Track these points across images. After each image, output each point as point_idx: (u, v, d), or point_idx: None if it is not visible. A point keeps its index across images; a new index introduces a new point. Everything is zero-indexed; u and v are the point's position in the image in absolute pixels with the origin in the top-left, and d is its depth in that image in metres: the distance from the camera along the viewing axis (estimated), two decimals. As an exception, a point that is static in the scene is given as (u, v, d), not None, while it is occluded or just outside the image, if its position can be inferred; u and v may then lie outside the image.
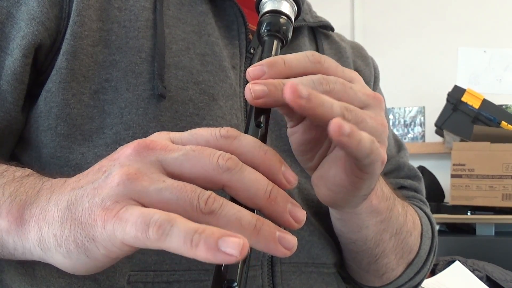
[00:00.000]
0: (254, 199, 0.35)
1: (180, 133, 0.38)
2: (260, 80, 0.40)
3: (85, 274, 0.39)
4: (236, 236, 0.31)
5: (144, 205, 0.34)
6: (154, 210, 0.33)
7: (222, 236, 0.31)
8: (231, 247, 0.31)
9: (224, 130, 0.37)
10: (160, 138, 0.38)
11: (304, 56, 0.42)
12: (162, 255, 0.52)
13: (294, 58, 0.42)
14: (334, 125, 0.36)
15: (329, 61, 0.43)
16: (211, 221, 0.33)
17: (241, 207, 0.34)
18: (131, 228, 0.33)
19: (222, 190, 0.36)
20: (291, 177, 0.37)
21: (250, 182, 0.35)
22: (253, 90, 0.39)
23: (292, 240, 0.34)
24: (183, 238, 0.31)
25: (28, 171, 0.47)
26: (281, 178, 0.37)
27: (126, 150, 0.36)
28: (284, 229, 0.35)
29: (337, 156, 0.44)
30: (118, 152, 0.37)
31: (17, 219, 0.40)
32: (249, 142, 0.37)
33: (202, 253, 0.31)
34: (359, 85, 0.43)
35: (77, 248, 0.36)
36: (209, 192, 0.34)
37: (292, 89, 0.37)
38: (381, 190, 0.57)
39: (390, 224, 0.61)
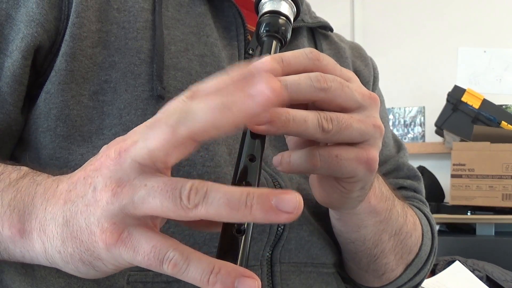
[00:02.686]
0: (218, 124, 0.32)
1: (154, 116, 0.36)
2: None
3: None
4: (252, 277, 0.32)
5: (137, 215, 0.34)
6: (166, 243, 0.33)
7: (239, 277, 0.31)
8: (248, 286, 0.31)
9: (188, 91, 0.35)
10: (135, 132, 0.36)
11: (302, 54, 0.42)
12: (162, 255, 0.52)
13: (292, 56, 0.42)
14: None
15: (327, 59, 0.43)
16: (200, 212, 0.32)
17: (227, 187, 0.32)
18: (143, 259, 0.33)
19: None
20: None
21: (204, 113, 0.31)
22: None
23: (292, 200, 0.31)
24: (199, 278, 0.32)
25: (23, 170, 0.47)
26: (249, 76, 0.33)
27: (106, 160, 0.35)
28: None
29: None
30: (99, 159, 0.36)
31: (20, 231, 0.41)
32: (210, 84, 0.34)
33: None
34: (356, 85, 0.44)
35: (84, 266, 0.37)
36: (190, 183, 0.32)
37: (248, 115, 0.32)
38: (380, 191, 0.58)
39: (390, 224, 0.61)
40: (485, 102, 2.24)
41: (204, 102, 0.32)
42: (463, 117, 2.24)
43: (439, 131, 2.38)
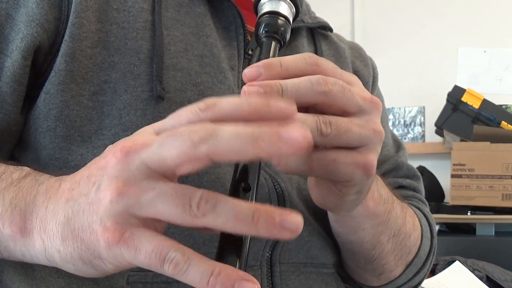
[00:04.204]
0: (241, 153, 0.32)
1: (163, 121, 0.37)
2: (255, 82, 0.40)
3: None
4: (251, 281, 0.32)
5: (141, 217, 0.34)
6: (167, 243, 0.33)
7: (238, 280, 0.32)
8: (249, 285, 0.31)
9: (202, 103, 0.35)
10: (143, 133, 0.37)
11: (301, 58, 0.42)
12: (162, 255, 0.52)
13: (291, 60, 0.42)
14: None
15: (326, 63, 0.43)
16: (207, 221, 0.33)
17: (236, 201, 0.33)
18: (145, 259, 0.33)
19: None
20: (287, 110, 0.34)
21: (230, 139, 0.32)
22: (248, 91, 0.39)
23: (295, 221, 0.33)
24: (199, 279, 0.32)
25: (25, 170, 0.47)
26: (271, 104, 0.34)
27: (112, 159, 0.35)
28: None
29: None
30: (105, 158, 0.36)
31: (20, 229, 0.41)
32: (228, 102, 0.34)
33: None
34: (357, 88, 0.43)
35: (84, 265, 0.37)
36: (200, 192, 0.33)
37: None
38: (379, 193, 0.57)
39: (388, 226, 0.61)
40: (485, 102, 2.24)
41: (232, 127, 0.32)
42: (463, 117, 2.24)
43: (439, 131, 2.38)
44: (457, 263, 1.51)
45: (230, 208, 0.32)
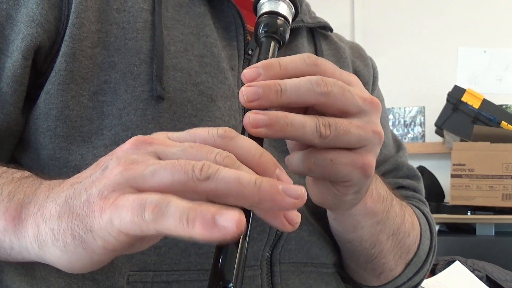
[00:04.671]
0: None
1: (178, 133, 0.38)
2: (254, 83, 0.40)
3: (82, 272, 0.38)
4: (233, 209, 0.31)
5: (142, 191, 0.34)
6: (150, 193, 0.33)
7: (219, 211, 0.31)
8: (228, 220, 0.31)
9: (222, 130, 0.37)
10: (159, 134, 0.38)
11: (300, 59, 0.42)
12: (162, 255, 0.52)
13: (290, 61, 0.42)
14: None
15: (326, 64, 0.43)
16: (210, 186, 0.33)
17: (238, 170, 0.34)
18: (127, 213, 0.33)
19: None
20: (285, 180, 0.37)
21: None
22: (246, 92, 0.39)
23: (298, 188, 0.33)
24: (178, 215, 0.31)
25: (27, 173, 0.47)
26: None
27: (124, 146, 0.37)
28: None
29: None
30: (116, 149, 0.38)
31: (14, 218, 0.41)
32: (245, 143, 0.37)
33: (198, 230, 0.31)
34: (357, 89, 0.43)
35: (74, 241, 0.36)
36: (203, 161, 0.33)
37: (248, 119, 0.38)
38: (377, 192, 0.58)
39: (387, 225, 0.61)
40: (485, 102, 2.24)
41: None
42: (463, 117, 2.24)
43: (439, 131, 2.38)
44: (457, 263, 1.51)
45: (233, 173, 0.33)
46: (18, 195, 0.42)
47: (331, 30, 0.77)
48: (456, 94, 2.28)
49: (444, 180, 2.16)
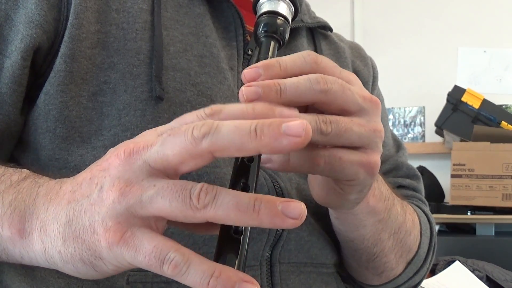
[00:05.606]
0: (242, 147, 0.33)
1: (167, 124, 0.38)
2: (254, 83, 0.40)
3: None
4: (251, 282, 0.32)
5: (142, 216, 0.34)
6: (167, 244, 0.33)
7: (239, 282, 0.32)
8: None
9: (208, 109, 0.36)
10: (146, 135, 0.38)
11: (300, 57, 0.42)
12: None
13: (289, 60, 0.42)
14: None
15: (326, 61, 0.43)
16: (208, 213, 0.33)
17: (236, 191, 0.33)
18: (144, 259, 0.33)
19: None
20: (287, 113, 0.35)
21: (230, 133, 0.32)
22: (246, 92, 0.39)
23: (297, 207, 0.32)
24: (199, 280, 0.32)
25: (24, 173, 0.47)
26: (276, 110, 0.35)
27: (115, 160, 0.36)
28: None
29: None
30: (107, 160, 0.37)
31: (19, 231, 0.41)
32: (234, 109, 0.35)
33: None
34: (357, 87, 0.43)
35: (84, 265, 0.37)
36: (200, 185, 0.33)
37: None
38: (379, 191, 0.58)
39: (389, 224, 0.61)
40: (485, 102, 2.25)
41: (233, 122, 0.32)
42: (463, 117, 2.24)
43: (439, 131, 2.38)
44: (457, 263, 1.51)
45: (231, 199, 0.32)
46: (19, 206, 0.42)
47: (330, 30, 0.77)
48: (456, 94, 2.28)
49: (444, 180, 2.16)
